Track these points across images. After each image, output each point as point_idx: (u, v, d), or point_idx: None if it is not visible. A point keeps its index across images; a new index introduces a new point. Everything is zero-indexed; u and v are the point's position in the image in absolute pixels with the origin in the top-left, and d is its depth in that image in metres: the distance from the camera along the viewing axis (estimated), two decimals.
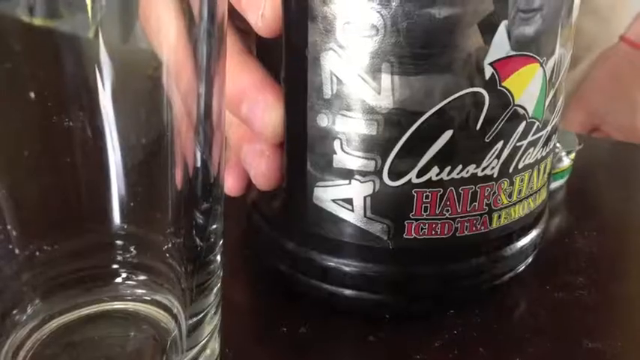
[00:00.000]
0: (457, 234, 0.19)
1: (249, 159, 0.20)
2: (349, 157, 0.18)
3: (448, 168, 0.18)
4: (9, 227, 0.18)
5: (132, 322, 0.20)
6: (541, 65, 0.18)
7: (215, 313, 0.19)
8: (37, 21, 0.17)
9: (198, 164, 0.19)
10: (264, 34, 0.18)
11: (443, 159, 0.18)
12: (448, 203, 0.19)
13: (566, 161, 0.27)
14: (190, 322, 0.19)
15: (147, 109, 0.19)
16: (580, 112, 0.51)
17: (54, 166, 0.19)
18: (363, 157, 0.18)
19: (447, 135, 0.18)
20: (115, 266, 0.20)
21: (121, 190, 0.20)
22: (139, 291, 0.20)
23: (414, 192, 0.18)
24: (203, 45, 0.18)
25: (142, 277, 0.21)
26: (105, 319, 0.20)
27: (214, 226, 0.19)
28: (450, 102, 0.17)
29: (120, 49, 0.17)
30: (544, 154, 0.20)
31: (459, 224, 0.19)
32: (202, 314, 0.19)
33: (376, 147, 0.18)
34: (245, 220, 0.23)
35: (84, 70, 0.18)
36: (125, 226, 0.20)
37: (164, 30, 0.17)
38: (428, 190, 0.18)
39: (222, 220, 0.19)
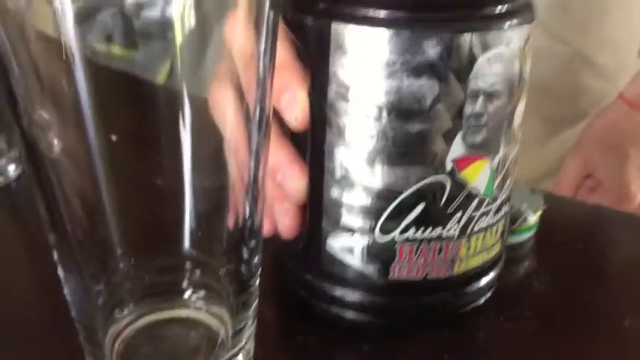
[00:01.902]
0: (428, 277, 0.27)
1: (278, 214, 0.28)
2: (352, 219, 0.26)
3: (422, 229, 0.26)
4: (117, 247, 0.26)
5: (193, 326, 0.28)
6: (489, 161, 0.26)
7: (252, 323, 0.27)
8: (116, 50, 0.20)
9: (247, 215, 0.27)
10: (296, 131, 0.26)
11: (418, 223, 0.26)
12: (421, 254, 0.26)
13: (533, 218, 0.35)
14: (235, 328, 0.27)
15: (214, 171, 0.26)
16: (577, 158, 0.56)
17: (147, 205, 0.26)
18: (361, 220, 0.26)
19: (420, 207, 0.25)
20: (185, 283, 0.28)
21: (193, 226, 0.27)
22: (199, 303, 0.28)
23: (397, 245, 0.26)
24: (254, 134, 0.25)
25: (202, 293, 0.28)
26: (175, 321, 0.28)
27: (255, 260, 0.27)
28: (422, 185, 0.25)
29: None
30: (495, 220, 0.27)
31: (430, 269, 0.27)
32: (243, 323, 0.27)
33: (371, 213, 0.26)
34: (276, 256, 0.31)
35: (170, 120, 0.23)
36: (194, 253, 0.28)
37: (228, 120, 0.24)
38: (407, 244, 0.26)
39: (261, 255, 0.27)
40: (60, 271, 0.25)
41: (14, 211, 0.39)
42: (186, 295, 0.28)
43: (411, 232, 0.26)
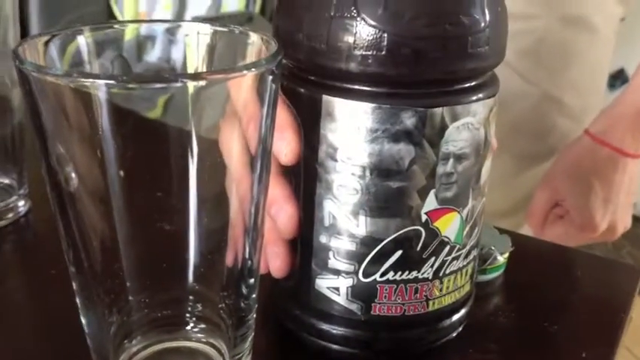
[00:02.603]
0: (405, 313, 0.30)
1: (269, 257, 0.31)
2: (338, 262, 0.29)
3: (399, 272, 0.29)
4: (127, 281, 0.29)
5: (194, 356, 0.31)
6: (459, 213, 0.29)
7: (248, 354, 0.30)
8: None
9: (247, 256, 0.30)
10: (285, 164, 0.29)
11: (396, 267, 0.29)
12: (399, 294, 0.30)
13: (501, 259, 0.38)
14: (232, 359, 0.30)
15: (218, 215, 0.29)
16: (546, 189, 0.60)
17: (155, 243, 0.28)
18: (347, 263, 0.29)
19: (398, 253, 0.29)
20: (187, 316, 0.31)
21: (196, 262, 0.29)
22: (200, 335, 0.31)
23: (378, 286, 0.29)
24: (255, 185, 0.28)
25: (202, 326, 0.31)
26: (177, 352, 0.31)
27: (253, 296, 0.30)
28: (399, 234, 0.28)
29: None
30: (464, 263, 0.31)
31: (407, 307, 0.30)
32: (240, 354, 0.30)
33: (355, 257, 0.29)
34: (270, 293, 0.34)
35: (179, 163, 0.25)
36: (197, 289, 0.31)
37: (234, 160, 0.26)
38: (387, 285, 0.29)
39: (257, 291, 0.30)
40: (78, 301, 0.28)
41: (23, 245, 0.42)
42: (189, 327, 0.31)
43: (390, 275, 0.29)
